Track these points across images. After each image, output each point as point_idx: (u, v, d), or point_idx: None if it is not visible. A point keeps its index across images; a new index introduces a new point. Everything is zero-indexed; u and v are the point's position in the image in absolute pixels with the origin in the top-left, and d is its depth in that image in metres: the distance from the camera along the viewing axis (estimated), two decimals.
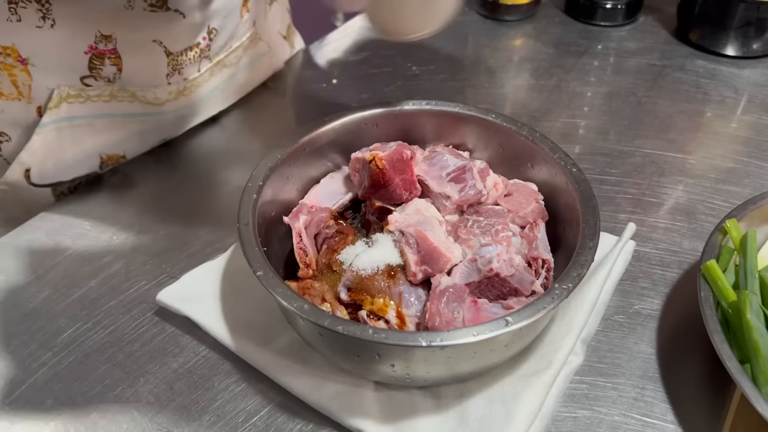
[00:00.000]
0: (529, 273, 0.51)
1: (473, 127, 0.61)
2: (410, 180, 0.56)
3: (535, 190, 0.58)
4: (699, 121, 0.79)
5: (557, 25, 0.98)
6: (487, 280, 0.49)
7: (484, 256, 0.50)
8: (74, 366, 0.54)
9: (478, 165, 0.56)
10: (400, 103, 0.61)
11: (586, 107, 0.82)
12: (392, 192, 0.55)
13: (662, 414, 0.50)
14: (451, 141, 0.62)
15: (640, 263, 0.61)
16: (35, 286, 0.60)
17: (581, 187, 0.53)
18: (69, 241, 0.65)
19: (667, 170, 0.72)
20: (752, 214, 0.56)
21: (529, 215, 0.55)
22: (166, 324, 0.57)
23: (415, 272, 0.50)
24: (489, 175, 0.56)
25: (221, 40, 0.73)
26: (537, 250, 0.53)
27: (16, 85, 0.61)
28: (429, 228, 0.52)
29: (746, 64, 0.88)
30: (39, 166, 0.65)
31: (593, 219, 0.50)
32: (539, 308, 0.44)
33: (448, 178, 0.56)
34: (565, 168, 0.55)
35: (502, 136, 0.60)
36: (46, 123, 0.63)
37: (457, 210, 0.56)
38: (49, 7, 0.58)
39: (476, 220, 0.54)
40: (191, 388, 0.52)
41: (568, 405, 0.51)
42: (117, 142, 0.70)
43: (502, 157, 0.61)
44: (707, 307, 0.50)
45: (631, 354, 0.54)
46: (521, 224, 0.55)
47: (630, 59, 0.90)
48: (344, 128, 0.60)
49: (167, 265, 0.62)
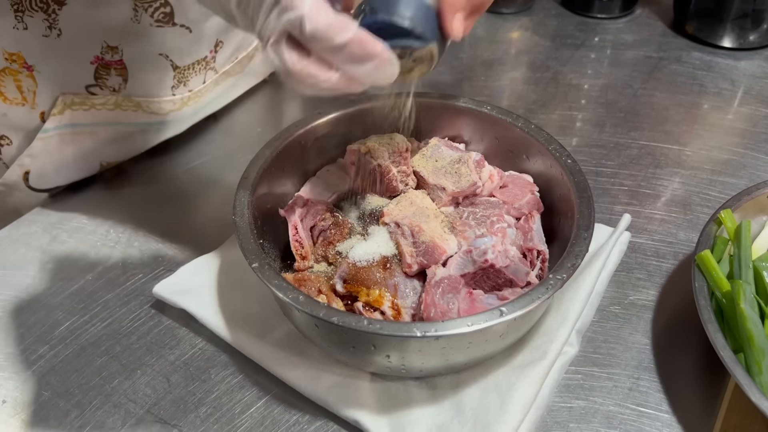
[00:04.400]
0: (524, 264, 0.51)
1: (469, 120, 0.61)
2: (406, 172, 0.56)
3: (530, 181, 0.58)
4: (695, 113, 0.79)
5: (554, 18, 0.97)
6: (482, 271, 0.49)
7: (479, 248, 0.50)
8: (71, 359, 0.54)
9: (473, 157, 0.56)
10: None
11: (582, 99, 0.82)
12: (387, 184, 0.55)
13: (657, 404, 0.50)
14: (447, 133, 0.62)
15: (636, 254, 0.62)
16: (32, 280, 0.60)
17: (576, 178, 0.53)
18: (65, 234, 0.65)
19: (663, 162, 0.72)
20: (747, 204, 0.57)
21: (525, 206, 0.55)
22: (162, 317, 0.57)
23: (411, 264, 0.50)
24: (484, 166, 0.56)
25: (227, 51, 0.72)
26: (532, 241, 0.53)
27: (20, 90, 0.61)
28: (424, 220, 0.52)
29: (743, 56, 0.88)
30: (38, 170, 0.65)
31: (588, 210, 0.51)
32: (533, 299, 0.44)
33: (443, 170, 0.56)
34: (560, 159, 0.55)
35: (498, 128, 0.60)
36: (49, 129, 0.63)
37: (452, 202, 0.56)
38: (55, 18, 0.58)
39: (472, 211, 0.54)
40: (188, 380, 0.52)
41: (563, 395, 0.51)
42: (118, 150, 0.70)
43: (497, 149, 0.61)
44: (702, 298, 0.50)
45: (626, 344, 0.54)
46: (516, 216, 0.55)
47: (627, 51, 0.90)
48: (340, 121, 0.60)
49: (164, 258, 0.62)
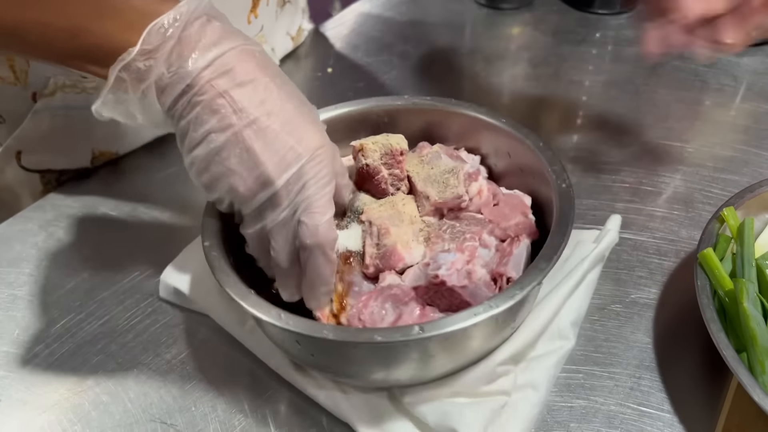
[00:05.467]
0: (489, 288, 0.47)
1: (484, 132, 0.57)
2: (398, 176, 0.54)
3: (525, 203, 0.53)
4: (697, 110, 0.78)
5: (555, 14, 0.97)
6: (435, 287, 0.46)
7: (436, 262, 0.47)
8: (67, 357, 0.54)
9: (466, 168, 0.53)
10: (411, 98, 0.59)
11: (583, 96, 0.81)
12: (377, 184, 0.54)
13: (658, 403, 0.50)
14: (465, 144, 0.59)
15: (637, 252, 0.61)
16: (27, 277, 0.60)
17: (562, 204, 0.49)
18: (61, 232, 0.64)
19: (665, 159, 0.71)
20: (750, 202, 0.56)
21: (511, 228, 0.51)
22: (159, 315, 0.57)
23: (368, 264, 0.49)
24: (476, 180, 0.53)
25: None
26: (505, 266, 0.48)
27: (13, 69, 0.61)
28: (397, 223, 0.50)
29: (745, 52, 0.87)
30: (31, 150, 0.66)
31: (558, 241, 0.46)
32: (456, 321, 0.41)
33: (432, 179, 0.53)
34: (555, 181, 0.51)
35: (510, 143, 0.56)
36: (39, 109, 0.63)
37: (435, 212, 0.52)
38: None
39: (452, 224, 0.51)
40: (184, 379, 0.52)
41: (564, 394, 0.50)
42: (111, 138, 0.70)
43: (509, 165, 0.57)
44: (704, 296, 0.49)
45: (627, 343, 0.54)
46: (501, 237, 0.51)
47: (628, 47, 0.89)
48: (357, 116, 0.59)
49: (160, 255, 0.61)
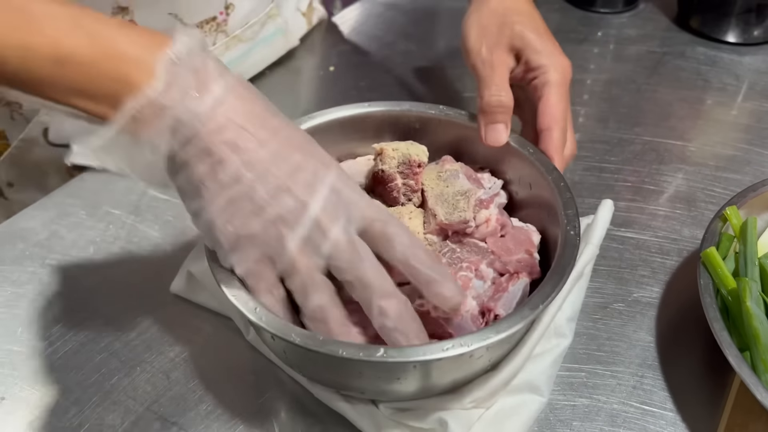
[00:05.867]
0: (475, 322, 0.46)
1: (511, 159, 0.55)
2: (413, 188, 0.53)
3: (532, 240, 0.51)
4: (699, 109, 0.79)
5: (557, 12, 0.97)
6: (419, 315, 0.44)
7: None
8: (70, 355, 0.54)
9: (479, 194, 0.51)
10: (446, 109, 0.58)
11: (585, 95, 0.81)
12: (389, 192, 0.53)
13: (661, 402, 0.50)
14: (492, 166, 0.57)
15: (640, 251, 0.61)
16: (30, 276, 0.60)
17: (566, 252, 0.47)
18: (64, 230, 0.64)
19: (667, 158, 0.71)
20: (752, 201, 0.56)
21: (512, 264, 0.49)
22: (163, 313, 0.57)
23: None
24: (487, 208, 0.51)
25: (239, 15, 0.74)
26: (495, 302, 0.47)
27: None
28: None
29: (747, 51, 0.87)
30: (57, 125, 0.68)
31: (550, 290, 0.44)
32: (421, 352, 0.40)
33: (444, 197, 0.52)
34: (565, 226, 0.48)
35: (533, 176, 0.53)
36: None
37: (440, 232, 0.51)
38: None
39: (452, 249, 0.50)
40: (188, 377, 0.52)
41: (566, 393, 0.50)
42: None
43: (530, 198, 0.55)
44: (707, 295, 0.49)
45: (630, 342, 0.54)
46: (500, 270, 0.50)
47: (630, 46, 0.89)
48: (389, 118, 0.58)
49: (165, 254, 0.61)
